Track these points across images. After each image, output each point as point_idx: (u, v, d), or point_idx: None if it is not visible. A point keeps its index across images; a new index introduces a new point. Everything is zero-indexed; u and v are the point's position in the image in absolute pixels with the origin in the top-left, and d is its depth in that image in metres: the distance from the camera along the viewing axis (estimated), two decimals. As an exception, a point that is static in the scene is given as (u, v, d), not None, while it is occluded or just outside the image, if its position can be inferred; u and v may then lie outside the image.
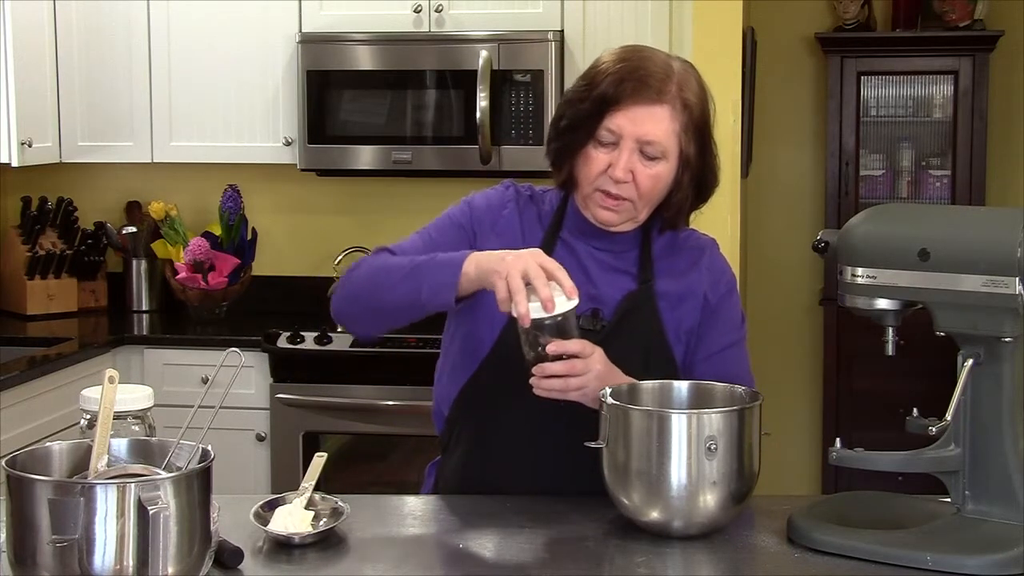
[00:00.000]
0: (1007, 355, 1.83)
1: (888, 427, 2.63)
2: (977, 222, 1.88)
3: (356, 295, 2.13)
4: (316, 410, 3.98)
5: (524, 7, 4.12)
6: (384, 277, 2.08)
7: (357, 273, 2.14)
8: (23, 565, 1.55)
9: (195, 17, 4.28)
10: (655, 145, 2.07)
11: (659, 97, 2.07)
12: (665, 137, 2.07)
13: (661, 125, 2.07)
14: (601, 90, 2.08)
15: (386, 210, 4.52)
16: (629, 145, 2.07)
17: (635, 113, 2.07)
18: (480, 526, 2.00)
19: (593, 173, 2.10)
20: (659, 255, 2.19)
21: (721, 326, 2.18)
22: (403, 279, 2.05)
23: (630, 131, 2.07)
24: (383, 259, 2.13)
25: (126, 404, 1.81)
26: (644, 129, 2.06)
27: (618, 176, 2.07)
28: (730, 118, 3.52)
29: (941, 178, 4.86)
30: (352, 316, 2.17)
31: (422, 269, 2.04)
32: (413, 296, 2.04)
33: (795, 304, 5.13)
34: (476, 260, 2.00)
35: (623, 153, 2.07)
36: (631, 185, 2.08)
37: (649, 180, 2.08)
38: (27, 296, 4.38)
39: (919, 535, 1.84)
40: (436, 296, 2.02)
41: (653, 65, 2.10)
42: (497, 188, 2.26)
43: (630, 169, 2.07)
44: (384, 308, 2.10)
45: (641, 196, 2.10)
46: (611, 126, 2.07)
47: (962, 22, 4.78)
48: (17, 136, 4.01)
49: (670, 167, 2.10)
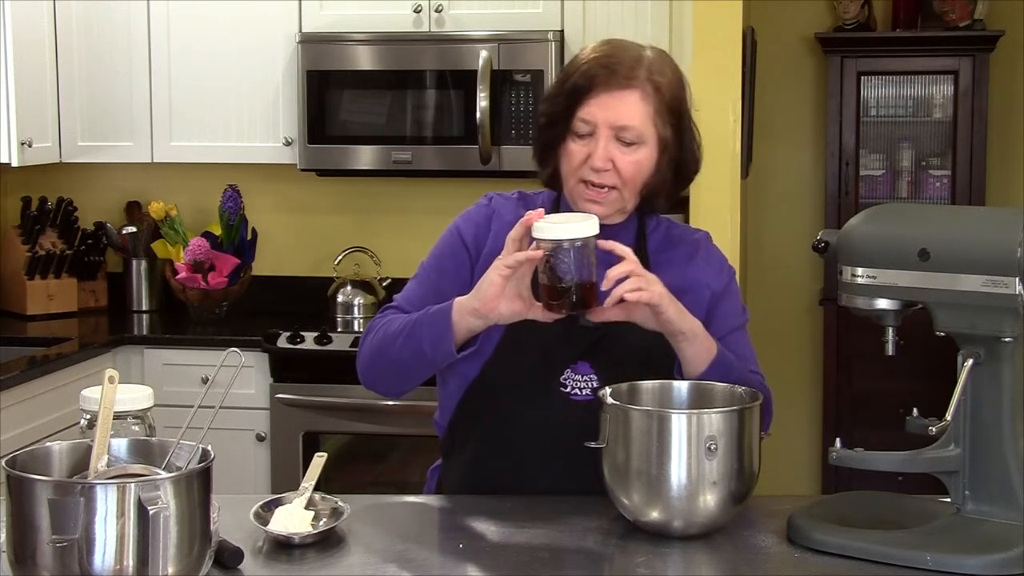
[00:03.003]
0: (1007, 355, 1.83)
1: (888, 427, 2.64)
2: (977, 222, 1.88)
3: (373, 361, 2.18)
4: (316, 410, 3.98)
5: (524, 7, 4.12)
6: (391, 342, 2.13)
7: (369, 340, 2.18)
8: (23, 565, 1.55)
9: (195, 17, 4.28)
10: (630, 130, 2.07)
11: (628, 82, 2.08)
12: (639, 121, 2.08)
13: (632, 109, 2.08)
14: (572, 82, 2.11)
15: (386, 210, 4.52)
16: (605, 133, 2.08)
17: (606, 100, 2.08)
18: (480, 526, 2.00)
19: (573, 165, 2.11)
20: (655, 250, 2.20)
21: (725, 314, 2.18)
22: (405, 341, 2.10)
23: (603, 118, 2.08)
24: (388, 321, 2.16)
25: (126, 404, 1.81)
26: (616, 114, 2.07)
27: (597, 164, 2.08)
28: (730, 118, 3.52)
29: (941, 178, 4.86)
30: (377, 381, 2.20)
31: (419, 327, 2.09)
32: (419, 354, 2.08)
33: (795, 304, 5.13)
34: (461, 304, 2.04)
35: (600, 141, 2.08)
36: (612, 173, 2.09)
37: (631, 166, 2.09)
38: (27, 296, 4.38)
39: (919, 535, 1.84)
40: (438, 347, 2.06)
41: (623, 52, 2.11)
42: (479, 204, 2.26)
43: (609, 157, 2.08)
44: (400, 370, 2.14)
45: (625, 183, 2.10)
46: (584, 116, 2.09)
47: (962, 22, 4.78)
48: (17, 136, 4.00)
49: (650, 151, 2.10)
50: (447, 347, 2.05)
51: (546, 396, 2.12)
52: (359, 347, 2.20)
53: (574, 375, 2.12)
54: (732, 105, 3.55)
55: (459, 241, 2.21)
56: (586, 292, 1.94)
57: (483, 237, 2.19)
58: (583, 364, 2.12)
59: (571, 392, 2.12)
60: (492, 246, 2.16)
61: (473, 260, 2.18)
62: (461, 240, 2.21)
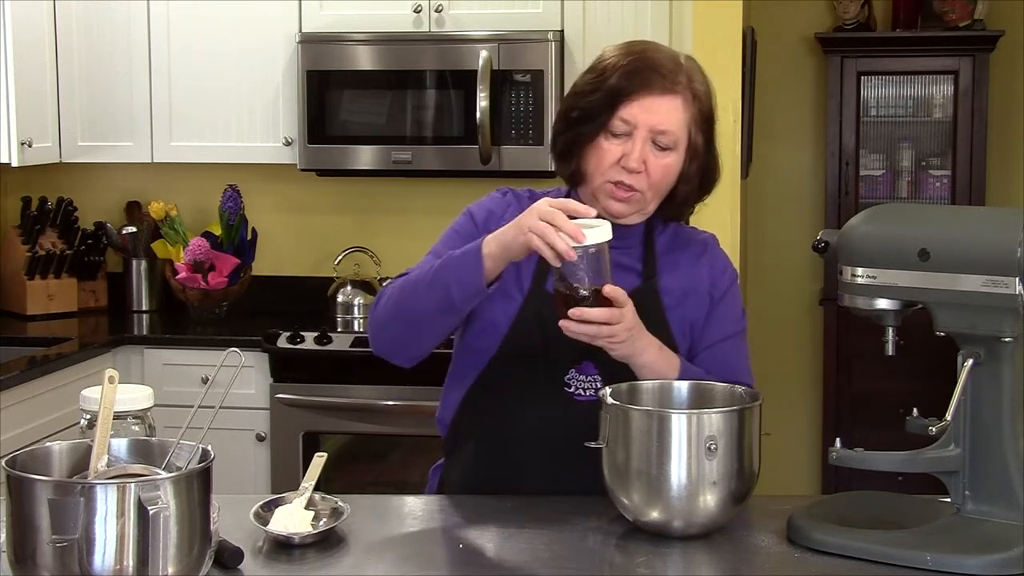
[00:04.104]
0: (1007, 355, 1.83)
1: (888, 427, 2.63)
2: (977, 222, 1.88)
3: (388, 321, 2.11)
4: (316, 410, 3.98)
5: (524, 7, 4.12)
6: (410, 294, 2.07)
7: (382, 303, 2.12)
8: (23, 565, 1.55)
9: (195, 17, 4.28)
10: (667, 135, 2.08)
11: (671, 87, 2.09)
12: (677, 127, 2.09)
13: (674, 115, 2.09)
14: (613, 81, 2.10)
15: (386, 210, 4.52)
16: (642, 135, 2.08)
17: (649, 103, 2.08)
18: (480, 526, 2.00)
19: (605, 164, 2.10)
20: (662, 251, 2.20)
21: (723, 317, 2.19)
22: (428, 288, 2.04)
23: (644, 120, 2.08)
24: (401, 282, 2.11)
25: (126, 404, 1.81)
26: (657, 119, 2.08)
27: (632, 166, 2.08)
28: (730, 118, 3.52)
29: (941, 178, 4.86)
30: (390, 345, 2.13)
31: (444, 270, 2.02)
32: (444, 299, 2.02)
33: (795, 304, 5.13)
34: (492, 238, 1.99)
35: (636, 143, 2.08)
36: (643, 176, 2.09)
37: (660, 170, 2.10)
38: (27, 296, 4.38)
39: (919, 535, 1.84)
40: (466, 288, 2.00)
41: (662, 56, 2.12)
42: (493, 195, 2.25)
43: (643, 159, 2.08)
44: (419, 323, 2.07)
45: (652, 186, 2.11)
46: (625, 116, 2.08)
47: (962, 22, 4.78)
48: (17, 136, 4.00)
49: (679, 158, 2.12)
50: (476, 284, 1.99)
51: (549, 396, 2.12)
52: (370, 314, 2.15)
53: (578, 375, 2.12)
54: (732, 105, 3.55)
55: (471, 224, 2.19)
56: (601, 298, 1.94)
57: (494, 223, 2.14)
58: (588, 364, 2.12)
59: (575, 392, 2.12)
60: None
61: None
62: (474, 223, 2.19)
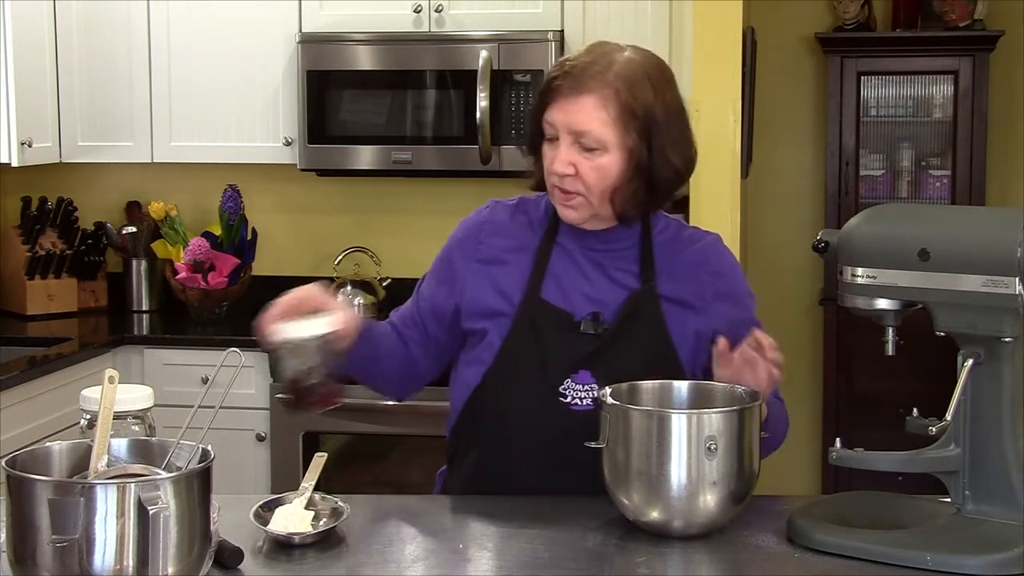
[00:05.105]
0: (1007, 355, 1.83)
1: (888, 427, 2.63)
2: (977, 222, 1.88)
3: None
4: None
5: (524, 7, 4.12)
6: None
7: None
8: (23, 565, 1.55)
9: (195, 17, 4.28)
10: (588, 135, 2.05)
11: (584, 87, 2.05)
12: (596, 126, 2.05)
13: (587, 114, 2.05)
14: (542, 86, 2.11)
15: (386, 210, 4.52)
16: (565, 138, 2.07)
17: (565, 104, 2.07)
18: (480, 526, 2.00)
19: (545, 169, 2.11)
20: (661, 254, 2.17)
21: (736, 320, 2.17)
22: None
23: (562, 122, 2.07)
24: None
25: (126, 404, 1.81)
26: (572, 119, 2.06)
27: (555, 169, 2.07)
28: (730, 118, 3.52)
29: (941, 178, 4.86)
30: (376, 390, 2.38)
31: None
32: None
33: (795, 304, 5.13)
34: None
35: (560, 146, 2.08)
36: (576, 179, 2.07)
37: (592, 172, 2.07)
38: (27, 296, 4.38)
39: (919, 535, 1.84)
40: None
41: (592, 57, 2.09)
42: (478, 210, 2.27)
43: (570, 162, 2.06)
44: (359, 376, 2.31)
45: (589, 189, 2.08)
46: (548, 119, 2.09)
47: (962, 22, 4.78)
48: (17, 136, 4.00)
49: (614, 158, 2.06)
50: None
51: (545, 406, 2.10)
52: None
53: (574, 385, 2.11)
54: (732, 105, 3.55)
55: (450, 252, 2.23)
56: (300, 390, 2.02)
57: (471, 250, 2.20)
58: (583, 373, 2.10)
59: (571, 402, 2.10)
60: (485, 253, 2.18)
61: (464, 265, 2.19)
62: (452, 249, 2.23)
